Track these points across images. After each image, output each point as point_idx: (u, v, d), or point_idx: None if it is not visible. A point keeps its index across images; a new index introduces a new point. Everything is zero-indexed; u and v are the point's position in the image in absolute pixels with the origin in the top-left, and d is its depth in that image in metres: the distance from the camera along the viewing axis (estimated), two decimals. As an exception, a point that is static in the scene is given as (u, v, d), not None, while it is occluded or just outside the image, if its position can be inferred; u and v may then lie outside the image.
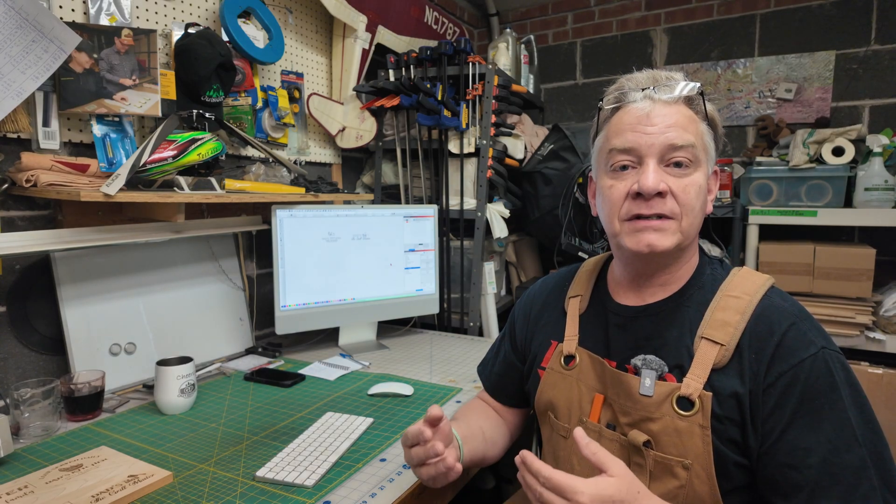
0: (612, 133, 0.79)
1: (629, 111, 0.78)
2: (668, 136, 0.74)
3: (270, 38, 1.62)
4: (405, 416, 1.16)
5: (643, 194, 0.74)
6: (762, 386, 0.70)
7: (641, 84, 0.79)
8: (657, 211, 0.75)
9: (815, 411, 0.67)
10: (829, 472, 0.65)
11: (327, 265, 1.60)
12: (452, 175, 2.00)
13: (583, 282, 0.94)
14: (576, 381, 0.87)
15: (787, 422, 0.68)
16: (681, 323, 0.78)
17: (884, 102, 2.11)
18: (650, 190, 0.73)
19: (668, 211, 0.75)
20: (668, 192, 0.74)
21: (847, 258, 1.83)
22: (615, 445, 0.79)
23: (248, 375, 1.39)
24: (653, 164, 0.75)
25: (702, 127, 0.78)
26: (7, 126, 1.11)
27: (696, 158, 0.76)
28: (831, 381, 0.68)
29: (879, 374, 1.76)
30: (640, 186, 0.74)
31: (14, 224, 1.18)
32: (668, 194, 0.74)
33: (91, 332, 1.26)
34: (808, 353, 0.69)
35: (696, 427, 0.71)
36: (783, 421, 0.69)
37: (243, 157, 1.67)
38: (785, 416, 0.68)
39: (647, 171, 0.74)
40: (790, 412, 0.68)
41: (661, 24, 2.50)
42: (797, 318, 0.72)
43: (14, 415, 1.05)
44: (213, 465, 0.95)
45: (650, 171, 0.74)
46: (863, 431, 0.67)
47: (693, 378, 0.73)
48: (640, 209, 0.75)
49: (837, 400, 0.67)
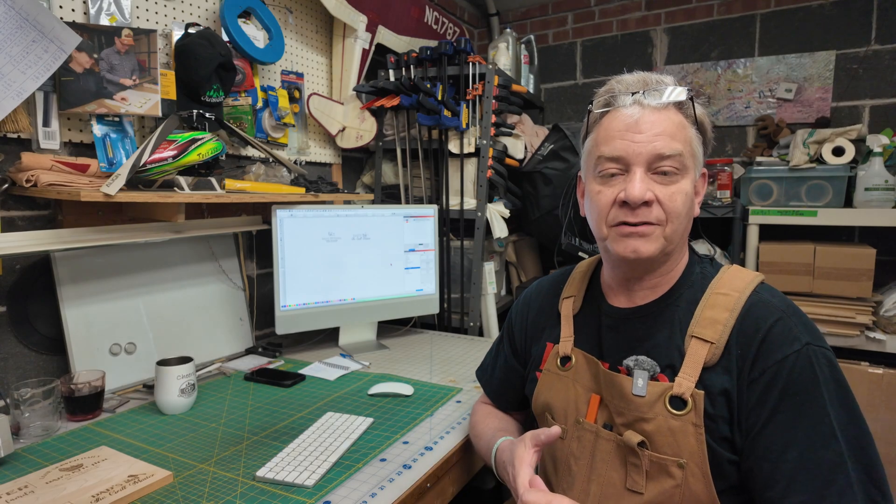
0: (601, 139, 0.79)
1: (618, 116, 0.78)
2: (656, 145, 0.75)
3: (270, 38, 1.62)
4: (405, 416, 1.16)
5: (629, 203, 0.75)
6: (746, 381, 0.71)
7: (631, 88, 0.79)
8: (643, 219, 0.75)
9: (795, 407, 0.68)
10: (804, 466, 0.66)
11: (327, 265, 1.60)
12: (452, 175, 2.00)
13: (576, 283, 0.95)
14: (572, 381, 0.87)
15: (767, 417, 0.69)
16: (671, 323, 0.79)
17: (884, 102, 2.11)
18: (636, 200, 0.74)
19: (653, 219, 0.75)
20: (655, 200, 0.75)
21: (847, 258, 1.83)
22: (612, 445, 0.79)
23: (248, 375, 1.39)
24: (640, 172, 0.75)
25: (690, 132, 0.78)
26: (7, 126, 1.11)
27: (684, 166, 0.76)
28: (813, 377, 0.68)
29: (879, 374, 1.76)
30: (626, 195, 0.75)
31: (14, 224, 1.18)
32: (654, 203, 0.75)
33: (91, 332, 1.26)
34: (792, 350, 0.69)
35: (690, 426, 0.72)
36: (763, 416, 0.69)
37: (243, 157, 1.67)
38: (766, 411, 0.69)
39: (634, 181, 0.75)
40: (771, 407, 0.69)
41: (661, 24, 2.50)
42: (784, 314, 0.73)
43: (14, 415, 1.05)
44: (214, 464, 0.95)
45: (637, 181, 0.74)
46: (844, 427, 0.67)
47: (685, 377, 0.73)
48: (626, 217, 0.76)
49: (818, 396, 0.68)
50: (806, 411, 0.67)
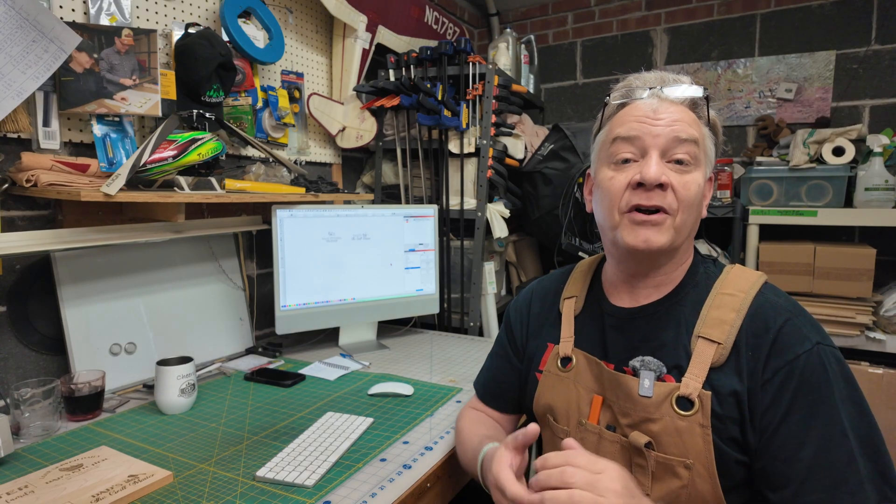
0: (617, 124, 0.80)
1: (636, 106, 0.78)
2: (675, 128, 0.75)
3: (270, 37, 1.62)
4: (405, 416, 1.16)
5: (645, 184, 0.74)
6: (759, 382, 0.71)
7: (649, 83, 0.80)
8: (657, 203, 0.75)
9: (809, 406, 0.68)
10: (818, 465, 0.66)
11: (327, 265, 1.60)
12: (452, 175, 2.00)
13: (577, 282, 0.94)
14: (573, 383, 0.87)
15: (781, 416, 0.69)
16: (677, 323, 0.78)
17: (884, 102, 2.11)
18: (653, 179, 0.73)
19: (666, 205, 0.75)
20: (670, 185, 0.75)
21: (847, 258, 1.83)
22: (616, 447, 0.79)
23: (248, 375, 1.39)
24: (656, 156, 0.75)
25: (704, 130, 0.79)
26: (7, 126, 1.11)
27: (697, 158, 0.76)
28: (825, 376, 0.68)
29: (879, 374, 1.76)
30: (642, 176, 0.74)
31: (14, 224, 1.18)
32: (668, 187, 0.75)
33: (91, 331, 1.26)
34: (804, 349, 0.70)
35: (697, 426, 0.72)
36: (778, 416, 0.69)
37: (243, 156, 1.67)
38: (780, 411, 0.69)
39: (651, 162, 0.74)
40: (785, 407, 0.69)
41: (661, 23, 2.50)
42: (792, 314, 0.73)
43: (14, 415, 1.05)
44: (214, 464, 0.95)
45: (653, 163, 0.74)
46: (856, 426, 0.67)
47: (692, 377, 0.73)
48: (640, 199, 0.75)
49: (830, 395, 0.68)
50: (819, 410, 0.68)
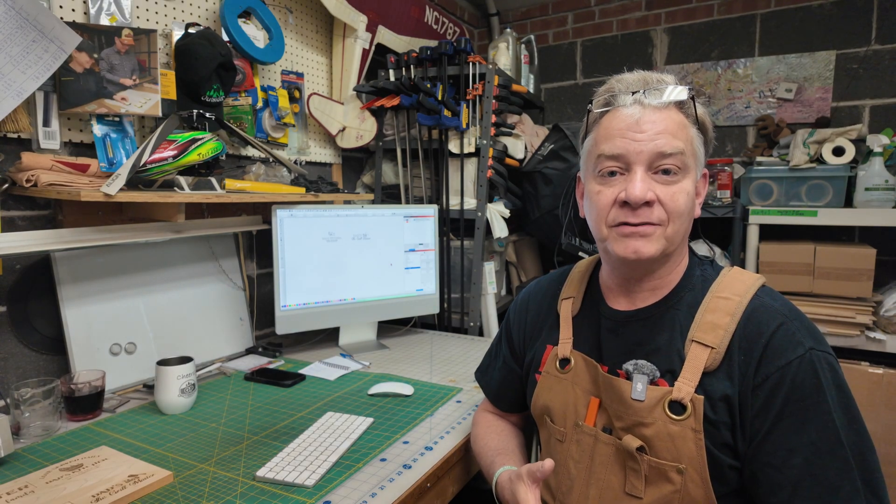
0: (601, 138, 0.78)
1: (618, 116, 0.77)
2: (658, 143, 0.73)
3: (270, 37, 1.62)
4: (405, 416, 1.16)
5: (630, 203, 0.74)
6: (750, 387, 0.70)
7: (632, 87, 0.77)
8: (644, 219, 0.74)
9: (800, 413, 0.67)
10: (811, 472, 0.66)
11: (327, 265, 1.60)
12: (452, 175, 1.99)
13: (575, 283, 0.94)
14: (571, 384, 0.87)
15: (772, 423, 0.68)
16: (671, 327, 0.78)
17: (884, 102, 2.11)
18: (637, 200, 0.73)
19: (655, 219, 0.74)
20: (656, 200, 0.74)
21: (847, 258, 1.83)
22: (611, 449, 0.79)
23: (248, 375, 1.39)
24: (640, 171, 0.74)
25: (692, 132, 0.77)
26: (7, 126, 1.11)
27: (685, 165, 0.75)
28: (817, 383, 0.68)
29: (880, 374, 1.76)
30: (627, 195, 0.74)
31: (14, 224, 1.18)
32: (655, 203, 0.74)
33: (91, 331, 1.26)
34: (796, 355, 0.69)
35: (689, 431, 0.71)
36: (768, 422, 0.69)
37: (243, 156, 1.67)
38: (770, 417, 0.69)
39: (635, 180, 0.74)
40: (775, 413, 0.68)
41: (661, 23, 2.50)
42: (786, 318, 0.72)
43: (14, 415, 1.05)
44: (214, 464, 0.95)
45: (637, 180, 0.73)
46: (847, 434, 0.66)
47: (684, 382, 0.73)
48: (626, 217, 0.75)
49: (822, 402, 0.67)
50: (810, 417, 0.67)
